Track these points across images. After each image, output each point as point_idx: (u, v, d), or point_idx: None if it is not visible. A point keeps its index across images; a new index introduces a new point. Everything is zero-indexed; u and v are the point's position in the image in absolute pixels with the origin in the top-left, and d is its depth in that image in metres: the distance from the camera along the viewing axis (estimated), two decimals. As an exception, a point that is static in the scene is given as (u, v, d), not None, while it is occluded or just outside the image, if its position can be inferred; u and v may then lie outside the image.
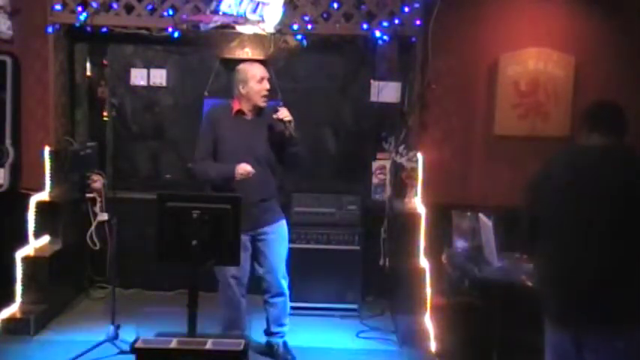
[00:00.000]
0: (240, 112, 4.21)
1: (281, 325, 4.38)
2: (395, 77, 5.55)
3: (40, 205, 5.11)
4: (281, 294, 4.32)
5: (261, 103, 4.17)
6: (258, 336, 4.55)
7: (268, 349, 4.42)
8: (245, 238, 4.13)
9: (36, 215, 5.08)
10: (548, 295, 2.92)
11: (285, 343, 4.41)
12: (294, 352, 4.44)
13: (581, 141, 2.89)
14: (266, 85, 4.14)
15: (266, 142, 4.19)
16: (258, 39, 5.45)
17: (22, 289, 4.91)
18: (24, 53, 5.24)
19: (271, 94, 4.27)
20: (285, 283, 4.33)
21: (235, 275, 4.19)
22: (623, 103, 4.85)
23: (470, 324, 3.96)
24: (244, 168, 4.03)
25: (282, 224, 4.33)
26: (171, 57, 5.85)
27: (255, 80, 4.13)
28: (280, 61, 5.67)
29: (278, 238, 4.28)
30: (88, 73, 5.84)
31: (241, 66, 4.27)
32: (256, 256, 4.27)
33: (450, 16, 5.08)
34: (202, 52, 5.73)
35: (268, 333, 4.42)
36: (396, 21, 5.04)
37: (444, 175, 5.18)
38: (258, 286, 4.41)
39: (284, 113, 4.08)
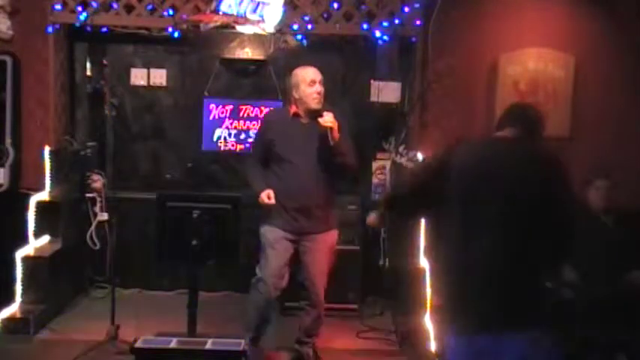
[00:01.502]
0: (296, 115, 4.12)
1: (312, 335, 4.32)
2: (395, 77, 5.55)
3: (40, 205, 5.11)
4: (318, 305, 4.22)
5: (314, 105, 4.05)
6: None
7: (297, 358, 4.35)
8: (289, 240, 4.09)
9: (36, 215, 5.08)
10: (449, 296, 2.82)
11: (315, 353, 4.36)
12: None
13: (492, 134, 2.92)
14: (317, 87, 4.05)
15: (322, 147, 4.05)
16: (258, 39, 5.45)
17: (22, 289, 4.90)
18: (24, 53, 5.23)
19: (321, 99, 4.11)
20: (322, 294, 4.20)
21: (272, 272, 4.08)
22: (623, 103, 4.87)
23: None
24: (263, 199, 3.96)
25: (331, 235, 4.19)
26: (171, 57, 5.85)
27: (305, 83, 4.05)
28: (280, 61, 5.67)
29: (323, 248, 4.15)
30: (88, 72, 5.84)
31: (295, 70, 4.18)
32: (299, 262, 4.17)
33: (450, 16, 5.08)
34: (202, 52, 5.73)
35: (299, 342, 4.35)
36: (396, 21, 5.04)
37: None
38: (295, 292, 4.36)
39: (326, 118, 3.94)
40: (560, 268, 3.27)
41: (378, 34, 5.06)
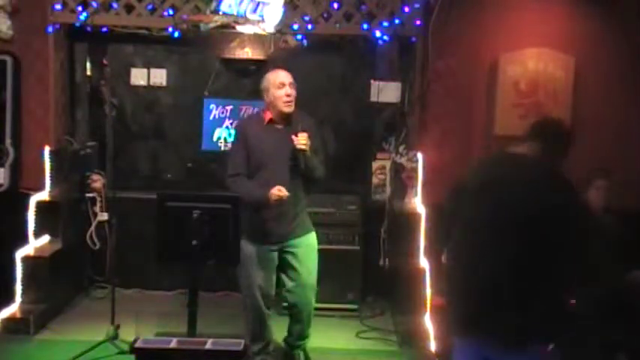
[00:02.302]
0: (271, 121, 4.08)
1: (304, 337, 4.30)
2: (395, 77, 5.55)
3: (40, 205, 5.11)
4: (308, 308, 4.20)
5: (285, 108, 4.00)
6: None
7: (288, 358, 4.34)
8: (272, 251, 4.07)
9: (36, 215, 5.08)
10: (454, 302, 2.86)
11: (304, 352, 4.34)
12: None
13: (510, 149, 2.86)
14: (287, 90, 3.99)
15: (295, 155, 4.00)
16: (258, 39, 5.45)
17: (22, 289, 4.91)
18: (24, 53, 5.24)
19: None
20: (313, 297, 4.20)
21: (261, 285, 4.09)
22: (623, 103, 4.86)
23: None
24: (278, 194, 3.86)
25: (312, 237, 4.19)
26: (171, 57, 5.85)
27: (275, 86, 4.01)
28: (280, 61, 5.66)
29: (307, 251, 4.15)
30: (88, 72, 5.84)
31: (266, 74, 4.15)
32: (285, 269, 4.14)
33: (450, 16, 5.08)
34: (202, 52, 5.73)
35: (290, 345, 4.33)
36: (396, 21, 5.04)
37: (444, 175, 5.17)
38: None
39: (300, 140, 3.88)
40: (575, 288, 3.13)
41: (378, 34, 5.06)
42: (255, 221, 4.02)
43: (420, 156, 5.09)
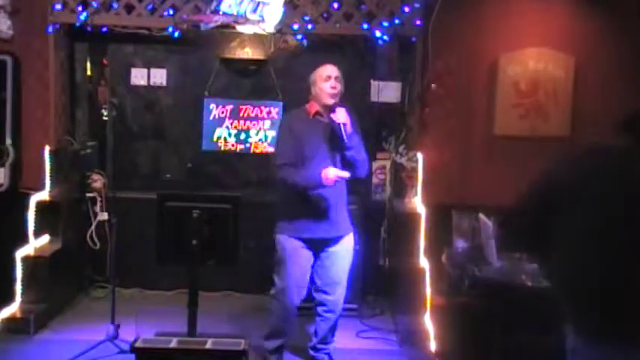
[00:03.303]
0: (317, 113, 4.09)
1: (328, 342, 4.28)
2: (395, 77, 5.55)
3: (40, 205, 5.11)
4: (336, 310, 4.19)
5: (328, 101, 4.02)
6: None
7: None
8: (307, 249, 4.06)
9: (36, 215, 5.08)
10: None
11: (329, 357, 4.34)
12: (294, 351, 4.43)
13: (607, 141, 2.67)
14: (332, 82, 4.02)
15: (339, 144, 4.01)
16: (258, 39, 5.46)
17: (22, 289, 4.91)
18: (24, 53, 5.23)
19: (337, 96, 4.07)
20: (342, 297, 4.19)
21: (298, 283, 4.06)
22: (623, 103, 4.84)
23: (470, 324, 3.96)
24: (335, 173, 3.84)
25: (351, 238, 4.19)
26: (171, 57, 5.85)
27: (321, 79, 4.05)
28: (280, 61, 5.67)
29: (344, 251, 4.14)
30: (88, 72, 5.84)
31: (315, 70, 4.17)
32: (319, 267, 4.13)
33: (450, 16, 5.07)
34: (202, 52, 5.73)
35: (313, 348, 4.32)
36: (396, 21, 5.04)
37: (444, 175, 5.18)
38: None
39: (338, 114, 3.92)
40: None
41: (378, 34, 5.06)
42: (298, 214, 4.00)
43: (420, 156, 5.09)
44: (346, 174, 3.92)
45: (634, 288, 2.47)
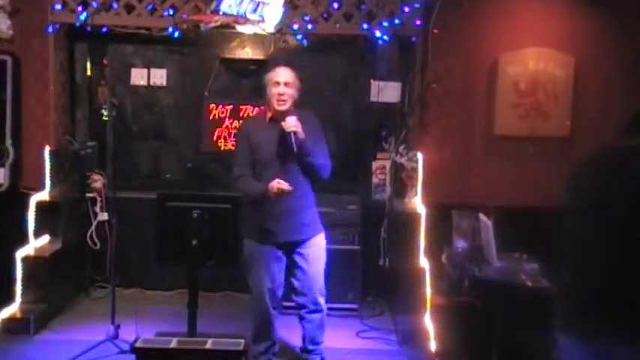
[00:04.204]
0: (272, 119, 4.04)
1: (317, 343, 4.24)
2: (395, 77, 5.54)
3: (40, 205, 5.11)
4: (318, 310, 4.14)
5: (276, 106, 3.97)
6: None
7: None
8: (280, 251, 4.03)
9: (36, 215, 5.08)
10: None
11: (321, 358, 4.29)
12: (294, 351, 4.43)
13: (623, 141, 2.58)
14: (281, 89, 3.95)
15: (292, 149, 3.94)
16: (258, 39, 5.46)
17: (22, 289, 4.91)
18: (24, 53, 5.23)
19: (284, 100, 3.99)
20: (322, 300, 4.16)
21: (269, 286, 4.04)
22: (623, 103, 4.84)
23: (470, 324, 3.96)
24: (277, 186, 3.81)
25: (321, 237, 4.14)
26: (171, 57, 5.85)
27: (271, 84, 4.00)
28: (280, 61, 5.66)
29: (316, 251, 4.10)
30: (88, 72, 5.84)
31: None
32: (292, 270, 4.10)
33: (450, 16, 5.08)
34: (202, 52, 5.73)
35: (304, 350, 4.28)
36: (396, 21, 5.04)
37: (444, 175, 5.18)
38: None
39: (288, 123, 3.86)
40: None
41: (378, 34, 5.06)
42: (258, 220, 3.99)
43: (420, 156, 5.09)
44: (288, 187, 3.82)
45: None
